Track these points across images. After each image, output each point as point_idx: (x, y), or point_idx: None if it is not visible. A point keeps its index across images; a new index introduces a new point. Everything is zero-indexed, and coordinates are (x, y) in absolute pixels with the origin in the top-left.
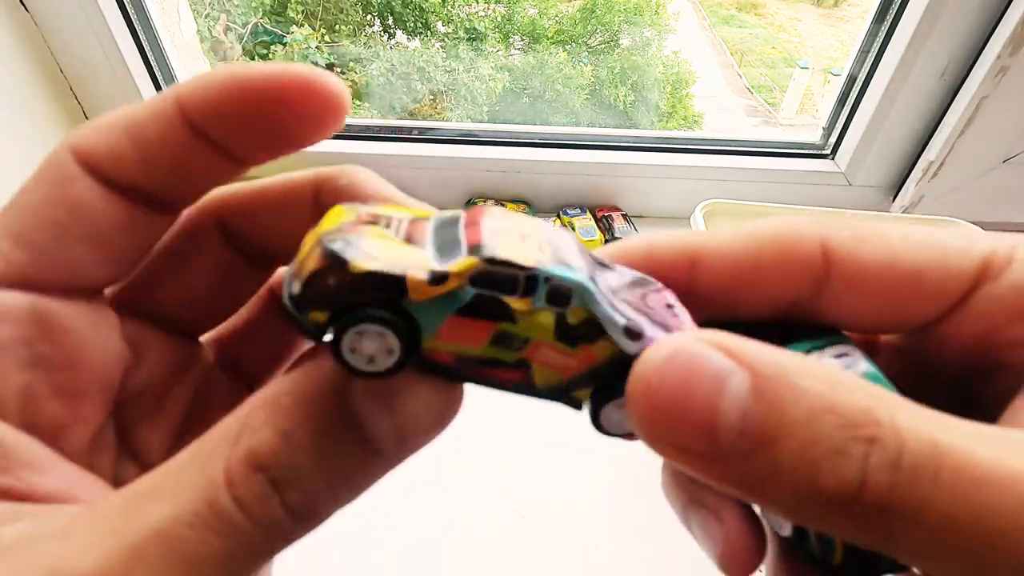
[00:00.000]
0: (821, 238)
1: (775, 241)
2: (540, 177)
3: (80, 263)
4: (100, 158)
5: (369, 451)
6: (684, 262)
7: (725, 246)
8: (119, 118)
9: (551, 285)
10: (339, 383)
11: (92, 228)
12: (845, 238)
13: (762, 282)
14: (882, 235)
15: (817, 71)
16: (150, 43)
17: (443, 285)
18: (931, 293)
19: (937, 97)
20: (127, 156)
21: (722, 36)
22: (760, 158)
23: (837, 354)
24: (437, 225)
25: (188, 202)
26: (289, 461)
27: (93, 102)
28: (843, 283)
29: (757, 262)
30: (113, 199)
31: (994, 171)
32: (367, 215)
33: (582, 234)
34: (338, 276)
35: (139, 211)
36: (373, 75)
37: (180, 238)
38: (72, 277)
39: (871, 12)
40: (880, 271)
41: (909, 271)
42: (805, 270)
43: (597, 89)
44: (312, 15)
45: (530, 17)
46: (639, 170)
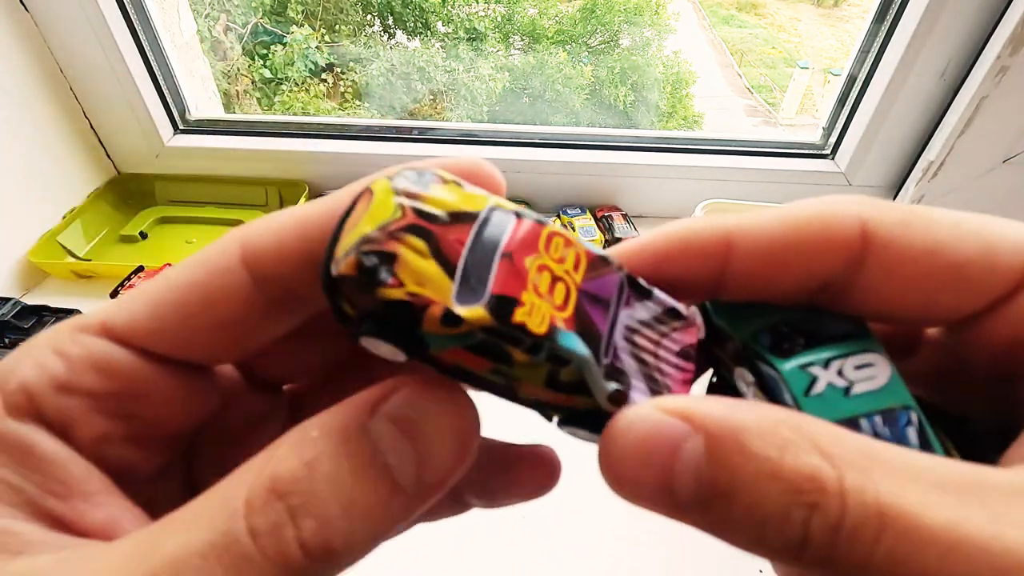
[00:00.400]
0: (861, 219)
1: (812, 222)
2: (540, 177)
3: (201, 347)
4: (264, 257)
5: (390, 483)
6: (720, 244)
7: (761, 227)
8: (292, 219)
9: (553, 351)
10: (364, 416)
11: (228, 319)
12: (887, 221)
13: (796, 264)
14: (929, 220)
15: (817, 71)
16: (150, 43)
17: (454, 328)
18: (973, 288)
19: (937, 97)
20: (291, 258)
21: (722, 36)
22: (760, 158)
23: (859, 364)
24: (478, 236)
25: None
26: (309, 488)
27: (93, 102)
28: (880, 268)
29: (792, 242)
30: (260, 297)
31: (994, 171)
32: (410, 210)
33: (582, 234)
34: (367, 294)
35: (283, 307)
36: (373, 75)
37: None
38: (186, 355)
39: (871, 12)
40: (920, 258)
41: (952, 262)
42: (841, 251)
43: (597, 89)
44: (312, 15)
45: (530, 17)
46: (639, 170)
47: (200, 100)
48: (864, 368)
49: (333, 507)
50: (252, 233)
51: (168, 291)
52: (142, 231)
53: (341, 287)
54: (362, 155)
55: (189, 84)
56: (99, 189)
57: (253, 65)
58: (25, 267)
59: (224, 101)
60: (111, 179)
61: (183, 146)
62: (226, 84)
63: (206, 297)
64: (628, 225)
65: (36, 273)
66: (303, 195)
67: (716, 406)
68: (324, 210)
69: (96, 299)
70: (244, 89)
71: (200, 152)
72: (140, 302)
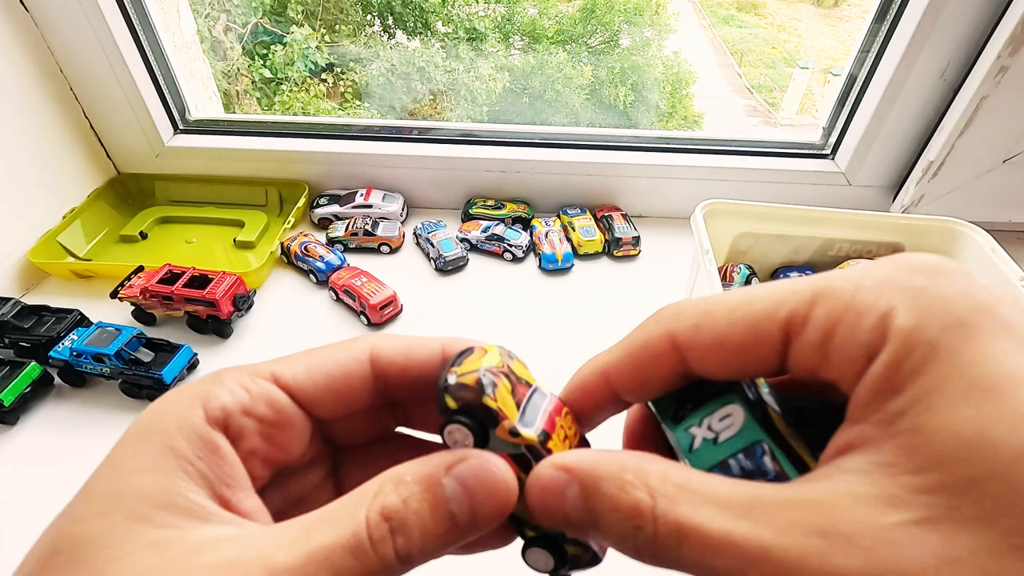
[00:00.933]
0: (668, 335)
1: (643, 348)
2: (540, 177)
3: (328, 407)
4: (385, 364)
5: (451, 522)
6: (602, 382)
7: (615, 363)
8: (403, 345)
9: None
10: (442, 472)
11: (351, 395)
12: (685, 329)
13: (649, 378)
14: (714, 320)
15: (817, 71)
16: (150, 43)
17: (514, 438)
18: (759, 358)
19: (937, 97)
20: (402, 369)
21: (722, 36)
22: (760, 158)
23: (721, 416)
24: (534, 393)
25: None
26: (403, 516)
27: (93, 102)
28: (698, 359)
29: (640, 368)
30: (374, 385)
31: (994, 171)
32: (505, 366)
33: (582, 234)
34: (476, 397)
35: (382, 395)
36: (373, 75)
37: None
38: (318, 410)
39: (871, 12)
40: (715, 350)
41: (737, 346)
42: (668, 363)
43: (597, 89)
44: (312, 15)
45: (530, 17)
46: (639, 170)
47: (200, 100)
48: (725, 419)
49: (416, 531)
50: (379, 343)
51: (321, 362)
52: (142, 231)
53: (455, 390)
54: (362, 155)
55: (189, 84)
56: (99, 189)
57: (253, 65)
58: (25, 267)
59: (224, 101)
60: (111, 179)
61: (183, 146)
62: (226, 84)
63: (345, 377)
64: (628, 225)
65: (36, 273)
66: (303, 195)
67: (590, 459)
68: (430, 350)
69: (96, 299)
70: (244, 89)
71: (200, 152)
72: (301, 365)
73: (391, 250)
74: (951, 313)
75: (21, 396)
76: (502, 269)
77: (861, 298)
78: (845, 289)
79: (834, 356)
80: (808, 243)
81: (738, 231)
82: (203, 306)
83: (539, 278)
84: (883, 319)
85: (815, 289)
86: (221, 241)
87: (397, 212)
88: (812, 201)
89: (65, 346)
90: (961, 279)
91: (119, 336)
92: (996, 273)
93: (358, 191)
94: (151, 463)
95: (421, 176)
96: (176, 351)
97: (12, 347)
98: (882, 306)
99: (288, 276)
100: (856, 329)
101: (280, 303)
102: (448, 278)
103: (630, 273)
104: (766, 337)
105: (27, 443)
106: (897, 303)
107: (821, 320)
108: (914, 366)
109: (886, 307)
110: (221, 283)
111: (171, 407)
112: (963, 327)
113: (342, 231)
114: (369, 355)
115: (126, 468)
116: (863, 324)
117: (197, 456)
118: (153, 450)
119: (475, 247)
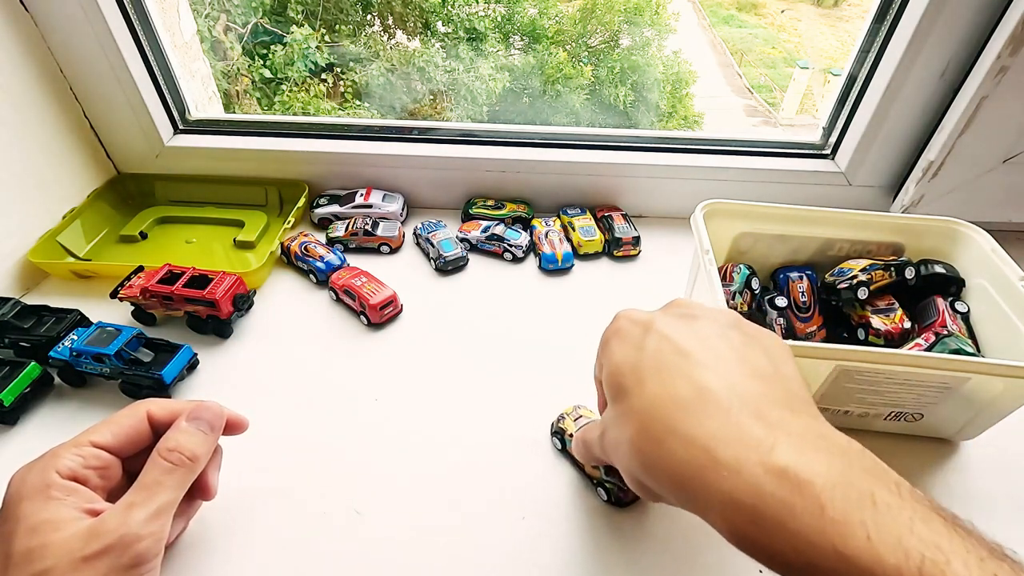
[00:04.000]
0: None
1: None
2: (540, 177)
3: (127, 451)
4: (155, 420)
5: (201, 432)
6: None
7: None
8: (171, 407)
9: None
10: (180, 420)
11: (137, 439)
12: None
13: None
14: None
15: (817, 71)
16: (150, 43)
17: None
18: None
19: (937, 97)
20: (164, 423)
21: (722, 36)
22: (760, 158)
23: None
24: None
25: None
26: (177, 443)
27: (93, 102)
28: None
29: None
30: (152, 437)
31: (994, 171)
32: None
33: (582, 234)
34: (559, 421)
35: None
36: (373, 75)
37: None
38: (119, 453)
39: (871, 12)
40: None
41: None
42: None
43: (597, 89)
44: (312, 15)
45: (530, 17)
46: (639, 170)
47: (200, 100)
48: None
49: (187, 444)
50: (152, 408)
51: (119, 427)
52: (142, 231)
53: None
54: (362, 155)
55: (189, 84)
56: (99, 189)
57: (253, 65)
58: (25, 267)
59: (224, 101)
60: (111, 179)
61: (183, 146)
62: (226, 84)
63: (135, 431)
64: (628, 225)
65: (36, 273)
66: (303, 195)
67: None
68: (179, 410)
69: (96, 299)
70: (244, 89)
71: (200, 152)
72: (108, 431)
73: (391, 250)
74: (602, 342)
75: (21, 396)
76: (502, 269)
77: (598, 350)
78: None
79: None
80: (808, 243)
81: (738, 231)
82: (203, 306)
83: (539, 278)
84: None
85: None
86: (221, 241)
87: (397, 212)
88: (812, 201)
89: (65, 346)
90: (616, 323)
91: (119, 336)
92: (996, 273)
93: (358, 191)
94: (44, 506)
95: (421, 176)
96: (176, 351)
97: (12, 347)
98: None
99: (288, 276)
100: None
101: (280, 303)
102: (448, 278)
103: (630, 273)
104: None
105: (27, 443)
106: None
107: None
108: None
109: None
110: (221, 283)
111: (32, 478)
112: (603, 344)
113: (342, 231)
114: (146, 415)
115: (33, 515)
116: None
117: (65, 495)
118: (39, 501)
119: (475, 247)
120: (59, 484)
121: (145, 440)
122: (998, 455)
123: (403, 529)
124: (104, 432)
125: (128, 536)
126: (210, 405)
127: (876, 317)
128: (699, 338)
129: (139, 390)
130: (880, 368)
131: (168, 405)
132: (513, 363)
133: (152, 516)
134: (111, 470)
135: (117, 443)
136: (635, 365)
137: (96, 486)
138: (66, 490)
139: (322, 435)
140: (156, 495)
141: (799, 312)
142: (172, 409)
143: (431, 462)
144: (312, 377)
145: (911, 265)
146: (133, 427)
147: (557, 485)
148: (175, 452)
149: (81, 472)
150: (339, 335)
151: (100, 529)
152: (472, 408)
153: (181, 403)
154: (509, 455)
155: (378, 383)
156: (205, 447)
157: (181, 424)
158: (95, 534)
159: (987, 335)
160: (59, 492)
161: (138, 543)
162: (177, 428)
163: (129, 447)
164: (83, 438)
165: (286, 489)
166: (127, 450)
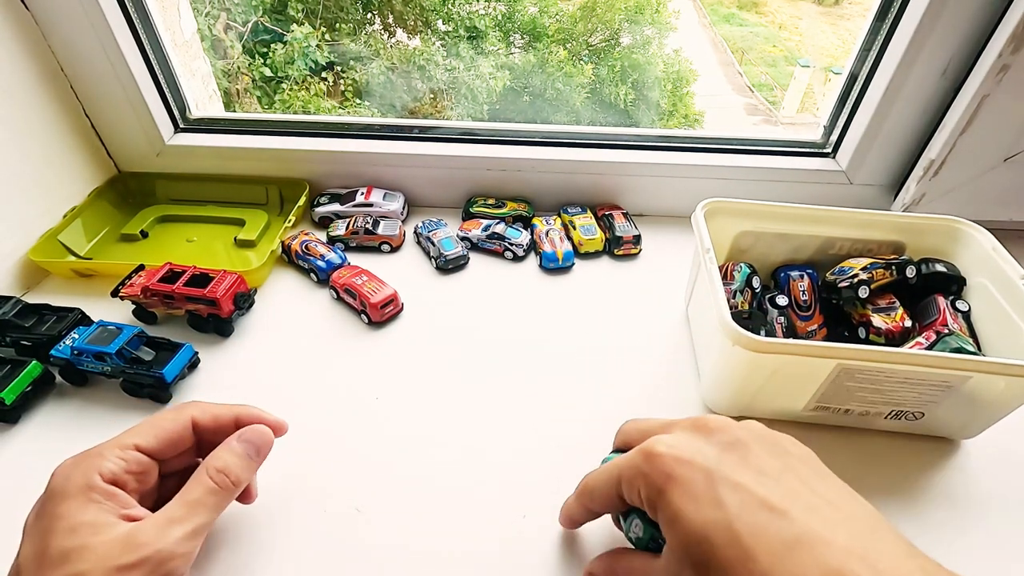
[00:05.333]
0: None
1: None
2: (541, 176)
3: (166, 455)
4: (200, 426)
5: (247, 456)
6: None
7: None
8: (216, 412)
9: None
10: (232, 440)
11: (180, 445)
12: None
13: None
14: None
15: (818, 69)
16: (150, 42)
17: None
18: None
19: (938, 95)
20: (209, 432)
21: (723, 34)
22: (761, 157)
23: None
24: None
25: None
26: (225, 464)
27: (94, 101)
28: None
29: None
30: (194, 441)
31: (995, 170)
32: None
33: (583, 233)
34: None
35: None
36: (373, 73)
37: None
38: (160, 457)
39: (872, 10)
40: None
41: (602, 497)
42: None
43: (598, 87)
44: (312, 13)
45: (531, 15)
46: (640, 168)
47: (201, 99)
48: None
49: (233, 467)
50: (196, 413)
51: (163, 431)
52: (143, 230)
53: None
54: (362, 154)
55: (190, 83)
56: (100, 188)
57: (253, 63)
58: (26, 266)
59: (225, 100)
60: (112, 178)
61: (184, 145)
62: (226, 83)
63: (179, 436)
64: (629, 224)
65: (37, 272)
66: (304, 193)
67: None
68: (228, 417)
69: (97, 297)
70: (244, 87)
71: (201, 151)
72: (151, 434)
73: (392, 249)
74: (651, 486)
75: (22, 395)
76: (503, 268)
77: (627, 479)
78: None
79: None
80: (809, 242)
81: (739, 230)
82: (204, 305)
83: (540, 277)
84: (638, 493)
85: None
86: (222, 240)
87: (398, 211)
88: (813, 200)
89: (66, 345)
90: (662, 462)
91: (120, 335)
92: (997, 271)
93: (359, 190)
94: (84, 508)
95: (422, 175)
96: (177, 350)
97: (13, 346)
98: (636, 485)
99: (289, 275)
100: (632, 496)
101: (281, 302)
102: (449, 277)
103: (631, 272)
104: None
105: (29, 442)
106: (639, 485)
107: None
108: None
109: (635, 487)
110: (222, 282)
111: (76, 477)
112: (658, 492)
113: (343, 230)
114: (191, 421)
115: (72, 516)
116: (633, 496)
117: (105, 499)
118: (80, 501)
119: (476, 246)
120: (101, 488)
121: (186, 444)
122: (999, 454)
123: (403, 527)
124: (148, 435)
125: (164, 552)
126: (262, 429)
127: (877, 316)
128: (773, 479)
129: (140, 388)
130: (881, 367)
131: (212, 410)
132: (513, 362)
133: (189, 535)
134: (149, 475)
135: (160, 447)
136: (728, 531)
137: (133, 490)
138: (107, 494)
139: (322, 433)
140: (197, 514)
141: (800, 311)
142: (216, 415)
143: (432, 460)
144: (313, 376)
145: (912, 264)
146: (177, 432)
147: (558, 483)
148: (222, 474)
149: (122, 476)
150: (340, 334)
151: (138, 540)
152: (472, 406)
153: (225, 408)
154: (510, 453)
155: (379, 381)
156: (249, 473)
157: (233, 444)
158: (133, 544)
159: (988, 334)
160: (100, 495)
161: (171, 561)
162: (228, 448)
163: (170, 451)
164: (127, 439)
165: (286, 487)
166: (167, 453)
